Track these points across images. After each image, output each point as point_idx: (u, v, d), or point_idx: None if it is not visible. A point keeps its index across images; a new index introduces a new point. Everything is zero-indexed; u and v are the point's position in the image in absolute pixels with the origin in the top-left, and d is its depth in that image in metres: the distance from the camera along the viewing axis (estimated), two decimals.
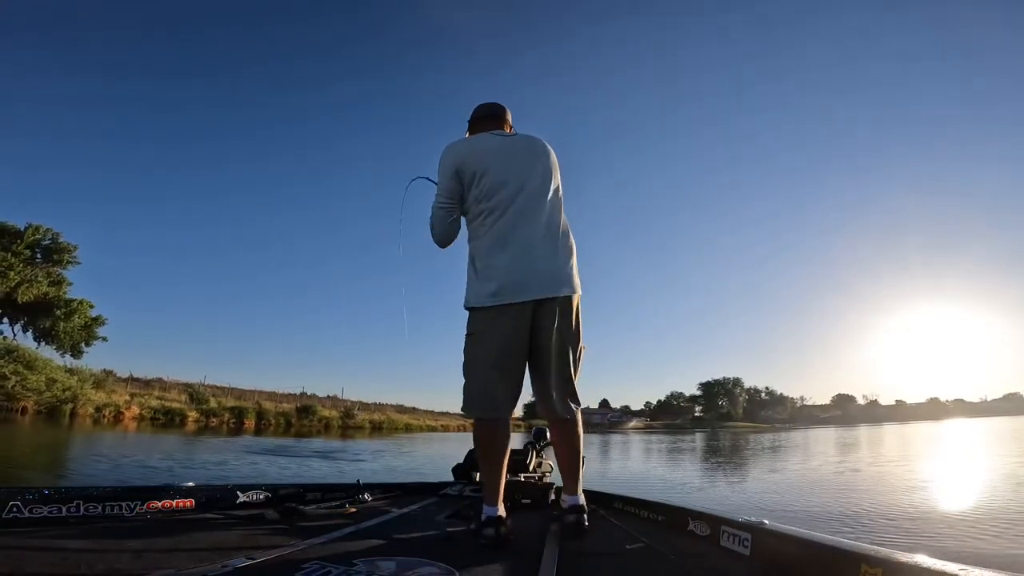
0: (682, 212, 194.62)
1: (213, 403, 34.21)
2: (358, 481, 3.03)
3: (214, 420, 31.90)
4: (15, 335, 31.45)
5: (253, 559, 1.62)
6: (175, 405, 32.20)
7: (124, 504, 2.24)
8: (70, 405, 25.31)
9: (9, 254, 29.64)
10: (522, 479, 3.18)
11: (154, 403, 31.31)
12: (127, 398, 30.63)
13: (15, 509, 1.97)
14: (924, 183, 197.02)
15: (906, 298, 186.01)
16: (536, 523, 2.44)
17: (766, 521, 1.86)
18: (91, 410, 26.37)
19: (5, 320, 31.50)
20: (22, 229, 30.93)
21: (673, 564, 1.87)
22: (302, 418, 36.38)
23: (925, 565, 1.28)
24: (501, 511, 2.09)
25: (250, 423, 33.08)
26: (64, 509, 2.09)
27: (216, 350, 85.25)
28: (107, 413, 27.09)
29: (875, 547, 1.47)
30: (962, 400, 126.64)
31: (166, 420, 29.20)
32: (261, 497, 2.69)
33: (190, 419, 30.74)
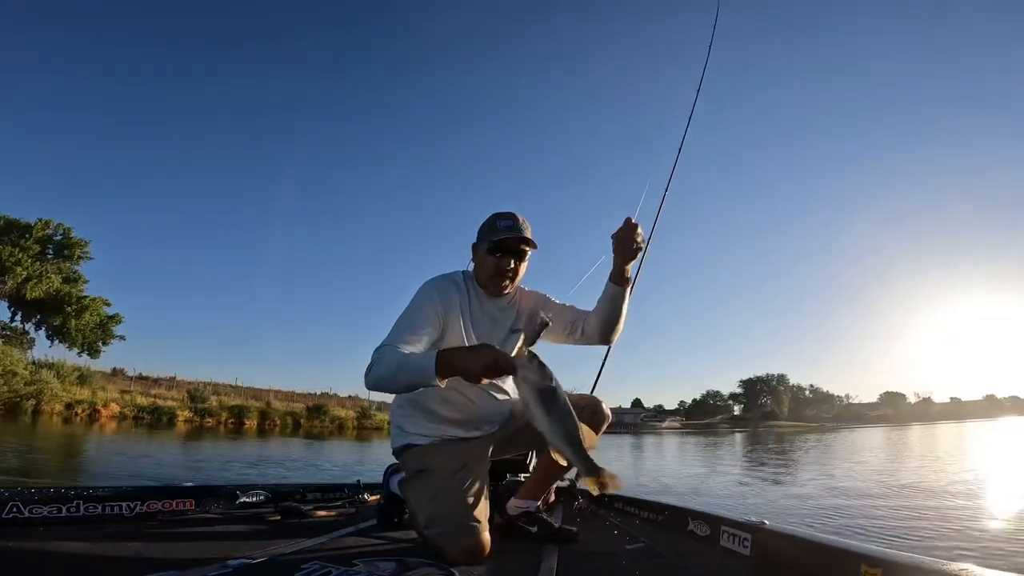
0: (724, 204, 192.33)
1: (213, 402, 33.25)
2: (358, 481, 3.13)
3: (209, 420, 30.69)
4: (27, 332, 32.42)
5: (253, 559, 1.71)
6: (169, 403, 31.14)
7: (124, 504, 2.34)
8: (32, 401, 24.17)
9: (17, 249, 30.27)
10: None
11: (142, 401, 30.25)
12: (116, 395, 29.84)
13: (15, 509, 2.06)
14: (976, 169, 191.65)
15: (960, 288, 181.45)
16: None
17: (766, 521, 1.90)
18: (59, 407, 25.31)
19: (19, 317, 32.38)
20: (32, 224, 31.65)
21: (673, 564, 1.93)
22: (312, 418, 35.48)
23: (925, 565, 1.32)
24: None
25: (252, 424, 31.94)
26: (64, 509, 2.19)
27: (250, 352, 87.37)
28: (80, 411, 26.05)
29: (875, 547, 1.51)
30: (1017, 397, 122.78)
31: (152, 420, 28.08)
32: (261, 497, 2.78)
33: (180, 419, 29.67)
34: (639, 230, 2.06)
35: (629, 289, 2.20)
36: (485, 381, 1.72)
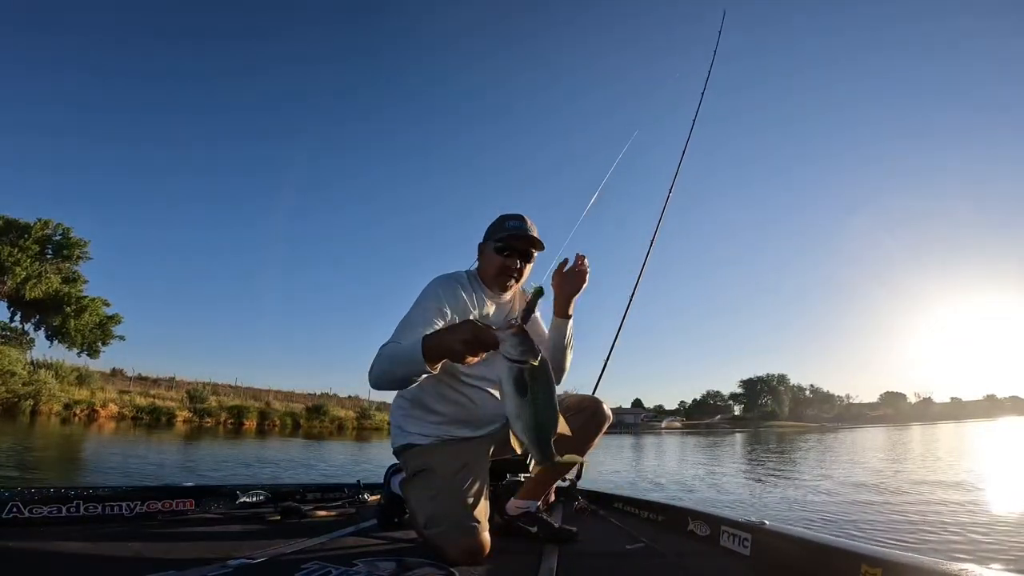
0: (724, 202, 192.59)
1: (213, 402, 33.13)
2: (358, 481, 3.14)
3: (208, 420, 30.66)
4: (26, 332, 32.44)
5: (253, 559, 1.71)
6: (168, 404, 31.09)
7: (124, 504, 2.35)
8: (30, 402, 24.22)
9: (16, 249, 30.28)
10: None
11: (140, 401, 30.17)
12: (114, 395, 29.80)
13: (15, 509, 2.07)
14: (977, 168, 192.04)
15: (960, 288, 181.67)
16: None
17: (766, 521, 1.91)
18: (58, 407, 25.35)
19: (18, 317, 32.38)
20: (31, 224, 31.66)
21: (673, 564, 1.93)
22: (312, 418, 35.39)
23: (925, 565, 1.33)
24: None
25: (251, 424, 31.89)
26: (64, 509, 2.19)
27: (250, 353, 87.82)
28: (78, 411, 26.09)
29: (875, 547, 1.52)
30: (1017, 397, 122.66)
31: (151, 420, 28.00)
32: (261, 497, 2.79)
33: (179, 419, 29.61)
34: (585, 263, 2.22)
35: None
36: (472, 361, 1.68)
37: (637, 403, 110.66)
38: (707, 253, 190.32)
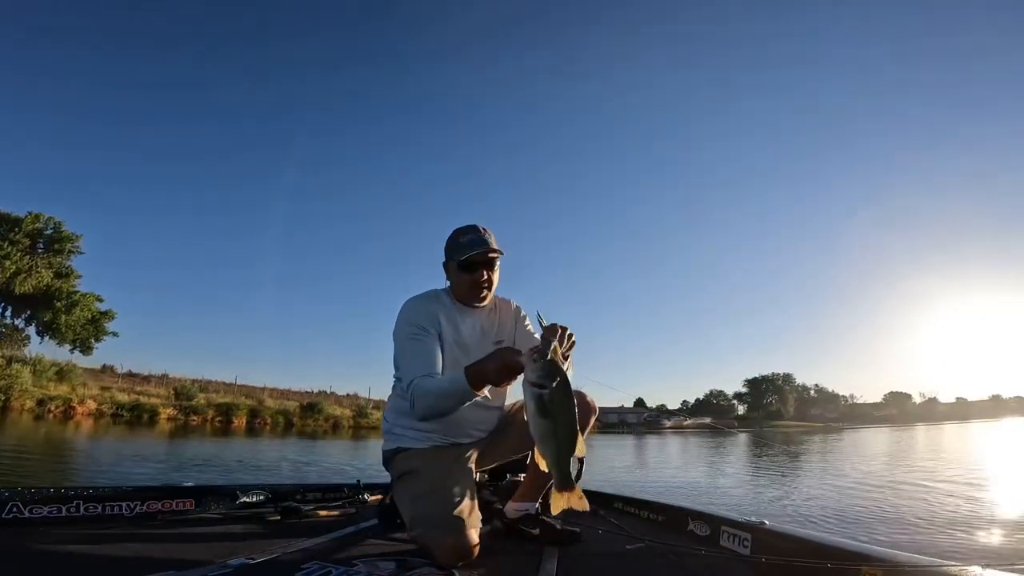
0: (725, 202, 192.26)
1: (201, 399, 32.50)
2: (358, 481, 3.16)
3: (195, 418, 30.04)
4: (17, 327, 32.36)
5: (253, 559, 1.74)
6: (152, 401, 30.44)
7: (124, 504, 2.39)
8: (0, 396, 24.01)
9: (6, 243, 30.18)
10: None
11: (122, 398, 29.57)
12: (95, 392, 29.22)
13: (15, 509, 2.11)
14: (981, 166, 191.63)
15: (963, 287, 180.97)
16: None
17: (766, 521, 1.94)
18: (30, 403, 24.98)
19: (9, 312, 32.33)
20: (22, 217, 31.51)
21: (673, 564, 1.97)
22: (306, 416, 34.79)
23: (925, 565, 1.36)
24: None
25: (240, 422, 31.28)
26: (64, 509, 2.23)
27: (250, 352, 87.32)
28: (53, 408, 25.62)
29: (875, 547, 1.55)
30: (1022, 397, 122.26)
31: (131, 417, 27.36)
32: (261, 497, 2.82)
33: (163, 416, 29.04)
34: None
35: None
36: (507, 384, 1.85)
37: (639, 402, 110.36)
38: (708, 253, 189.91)
